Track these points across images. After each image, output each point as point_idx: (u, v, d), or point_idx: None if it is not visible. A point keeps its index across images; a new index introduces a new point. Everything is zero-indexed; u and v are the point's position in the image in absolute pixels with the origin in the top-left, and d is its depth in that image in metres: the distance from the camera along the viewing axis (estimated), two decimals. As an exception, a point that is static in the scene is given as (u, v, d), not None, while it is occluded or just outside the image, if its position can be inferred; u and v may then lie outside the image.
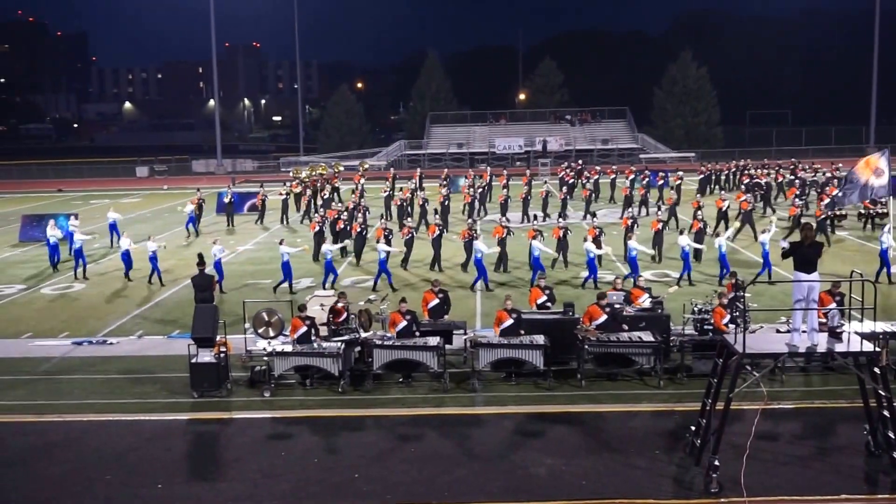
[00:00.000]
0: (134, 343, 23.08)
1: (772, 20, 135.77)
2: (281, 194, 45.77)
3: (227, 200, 44.72)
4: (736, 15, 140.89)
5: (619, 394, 18.22)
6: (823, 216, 33.43)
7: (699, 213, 31.44)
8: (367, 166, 58.45)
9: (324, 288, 26.86)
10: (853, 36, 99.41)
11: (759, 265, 28.28)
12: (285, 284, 27.88)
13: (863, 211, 38.09)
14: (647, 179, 49.15)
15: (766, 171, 49.38)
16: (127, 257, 30.16)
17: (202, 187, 49.49)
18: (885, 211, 37.18)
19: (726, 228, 33.70)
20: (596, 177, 48.49)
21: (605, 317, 19.21)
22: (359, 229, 32.21)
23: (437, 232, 30.66)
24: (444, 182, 46.72)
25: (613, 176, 49.67)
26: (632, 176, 48.67)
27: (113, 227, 38.76)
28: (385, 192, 45.33)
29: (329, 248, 28.85)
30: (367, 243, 32.44)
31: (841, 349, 14.11)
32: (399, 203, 41.32)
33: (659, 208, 38.42)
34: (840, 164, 47.94)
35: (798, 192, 41.55)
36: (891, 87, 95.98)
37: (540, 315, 20.46)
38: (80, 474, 14.92)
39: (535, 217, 35.93)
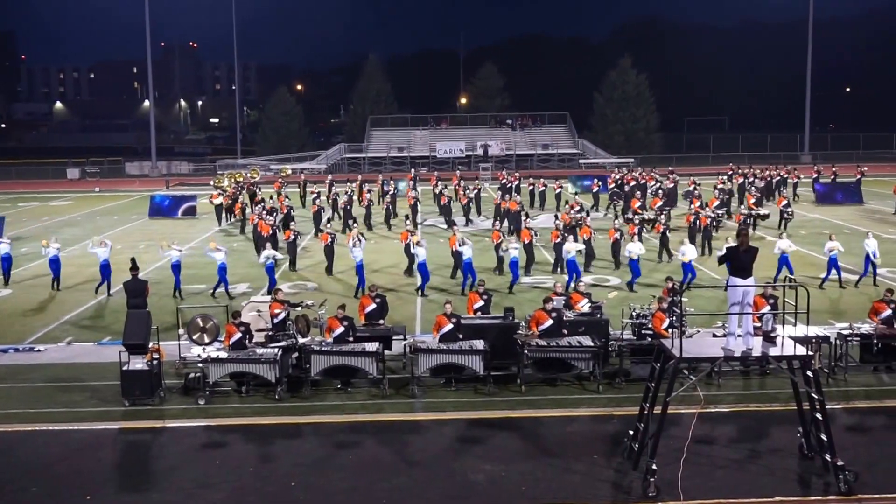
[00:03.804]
0: (63, 350, 22.49)
1: (710, 30, 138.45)
2: (217, 199, 45.03)
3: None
4: (675, 24, 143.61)
5: (558, 398, 18.22)
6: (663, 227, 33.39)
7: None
8: (288, 172, 57.86)
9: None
10: (788, 46, 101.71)
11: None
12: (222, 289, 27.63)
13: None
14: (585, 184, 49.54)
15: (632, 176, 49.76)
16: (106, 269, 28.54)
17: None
18: (767, 213, 37.99)
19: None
20: (612, 186, 48.34)
21: (550, 321, 19.22)
22: (292, 236, 31.84)
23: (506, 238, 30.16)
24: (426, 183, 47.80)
25: (559, 191, 47.87)
26: (596, 189, 48.82)
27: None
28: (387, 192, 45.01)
29: (268, 254, 28.30)
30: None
31: (775, 353, 14.28)
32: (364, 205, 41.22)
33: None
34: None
35: (662, 203, 40.44)
36: (824, 96, 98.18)
37: (480, 320, 20.41)
38: (4, 487, 14.46)
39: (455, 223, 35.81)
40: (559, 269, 29.91)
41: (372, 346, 18.77)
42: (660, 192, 43.71)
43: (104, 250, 28.35)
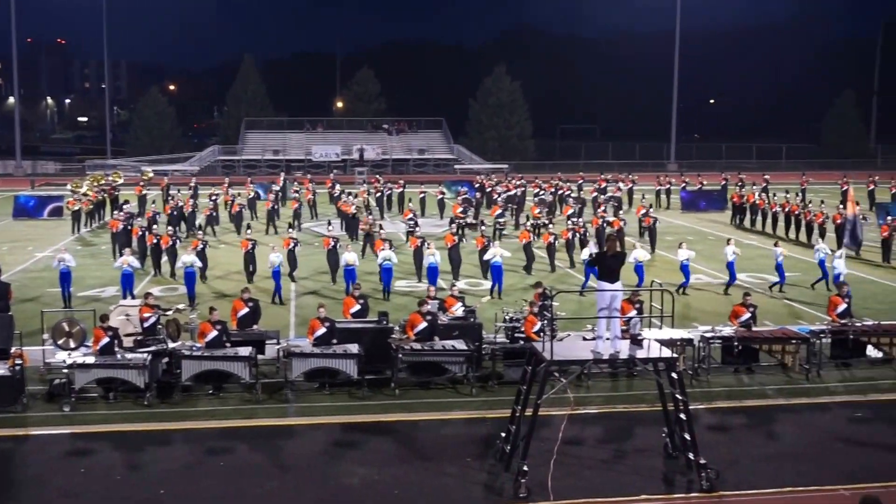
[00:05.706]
0: (-82, 356, 21.46)
1: (583, 40, 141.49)
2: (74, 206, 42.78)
3: None
4: (550, 33, 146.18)
5: (432, 402, 18.36)
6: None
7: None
8: (149, 175, 56.57)
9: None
10: (657, 58, 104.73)
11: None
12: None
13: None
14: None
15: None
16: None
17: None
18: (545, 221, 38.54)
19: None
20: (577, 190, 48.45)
21: (425, 324, 19.37)
22: (170, 242, 30.92)
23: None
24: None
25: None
26: (537, 190, 48.18)
27: None
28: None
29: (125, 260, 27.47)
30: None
31: (641, 355, 14.74)
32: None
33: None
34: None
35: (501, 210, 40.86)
36: (690, 108, 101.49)
37: (354, 324, 20.40)
38: None
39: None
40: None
41: (245, 351, 18.58)
42: (499, 200, 44.11)
43: None
